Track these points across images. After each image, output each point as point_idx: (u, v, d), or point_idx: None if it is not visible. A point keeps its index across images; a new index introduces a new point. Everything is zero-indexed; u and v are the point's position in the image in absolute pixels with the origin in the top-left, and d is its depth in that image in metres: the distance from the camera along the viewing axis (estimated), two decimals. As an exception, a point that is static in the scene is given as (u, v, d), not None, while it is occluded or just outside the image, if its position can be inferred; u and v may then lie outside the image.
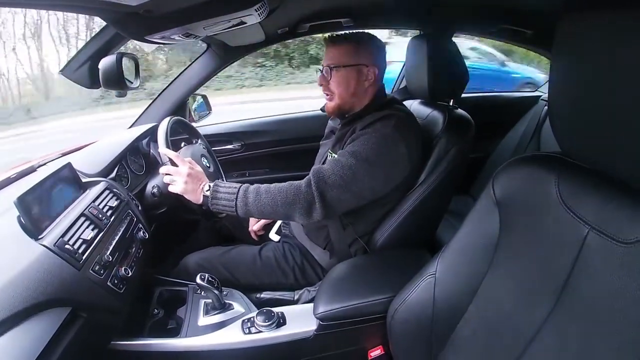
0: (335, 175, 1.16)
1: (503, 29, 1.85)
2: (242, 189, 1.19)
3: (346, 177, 1.15)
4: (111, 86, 1.34)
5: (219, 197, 1.19)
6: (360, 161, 1.16)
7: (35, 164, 1.32)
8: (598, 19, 0.58)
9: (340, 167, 1.16)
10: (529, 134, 2.20)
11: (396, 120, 1.22)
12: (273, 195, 1.16)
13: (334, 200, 1.16)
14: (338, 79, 1.29)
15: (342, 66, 1.27)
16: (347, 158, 1.18)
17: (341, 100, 1.31)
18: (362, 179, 1.16)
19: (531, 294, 0.73)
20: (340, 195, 1.16)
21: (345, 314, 1.13)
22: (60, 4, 0.92)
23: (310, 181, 1.16)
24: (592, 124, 0.63)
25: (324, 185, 1.15)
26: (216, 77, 2.12)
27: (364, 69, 1.28)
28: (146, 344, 1.12)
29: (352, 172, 1.16)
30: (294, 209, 1.16)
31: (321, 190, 1.15)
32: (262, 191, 1.18)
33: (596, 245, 0.64)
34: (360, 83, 1.29)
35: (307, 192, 1.16)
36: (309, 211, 1.16)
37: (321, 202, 1.15)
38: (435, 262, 0.95)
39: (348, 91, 1.29)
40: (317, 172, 1.18)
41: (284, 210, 1.17)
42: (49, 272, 0.84)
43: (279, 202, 1.16)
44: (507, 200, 0.80)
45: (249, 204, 1.17)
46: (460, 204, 1.89)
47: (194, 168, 1.24)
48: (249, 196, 1.18)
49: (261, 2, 0.99)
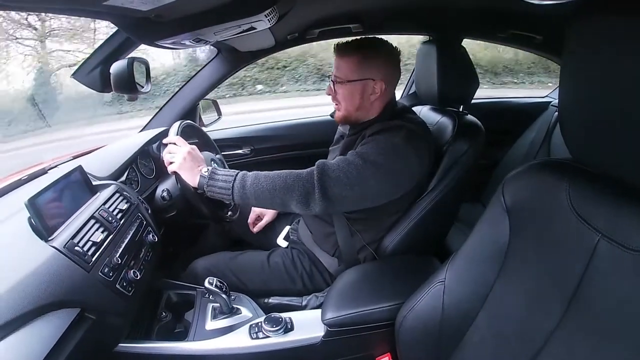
0: (340, 170, 1.13)
1: (513, 34, 1.84)
2: (240, 173, 1.17)
3: (350, 176, 1.12)
4: (122, 90, 1.35)
5: (216, 179, 1.17)
6: (367, 163, 1.13)
7: (46, 166, 1.33)
8: (608, 24, 0.58)
9: (347, 164, 1.14)
10: (539, 140, 2.18)
11: (407, 131, 1.19)
12: (272, 179, 1.13)
13: (334, 195, 1.12)
14: (343, 92, 1.27)
15: (347, 81, 1.25)
16: (354, 157, 1.15)
17: (347, 112, 1.30)
18: (368, 181, 1.13)
19: (541, 301, 0.72)
20: (341, 192, 1.12)
21: (353, 320, 1.12)
22: (71, 8, 0.93)
23: (312, 171, 1.14)
24: (602, 130, 0.62)
25: (327, 179, 1.12)
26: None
27: (370, 83, 1.25)
28: (153, 347, 1.12)
29: (358, 171, 1.13)
30: (291, 195, 1.12)
31: (322, 182, 1.11)
32: (261, 176, 1.15)
33: (607, 252, 0.63)
34: (366, 97, 1.27)
35: (308, 179, 1.12)
36: (306, 200, 1.12)
37: (320, 193, 1.11)
38: (444, 269, 0.95)
39: (353, 105, 1.28)
40: (321, 165, 1.15)
41: (281, 196, 1.13)
42: (59, 274, 0.85)
43: (277, 187, 1.13)
44: (517, 208, 0.79)
45: (246, 187, 1.14)
46: (470, 211, 1.88)
47: (195, 150, 1.24)
48: (247, 180, 1.15)
49: (271, 8, 1.00)
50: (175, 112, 1.93)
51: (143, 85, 1.42)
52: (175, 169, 1.21)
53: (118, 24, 1.06)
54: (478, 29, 1.90)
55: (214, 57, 1.93)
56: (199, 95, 1.96)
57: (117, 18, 1.02)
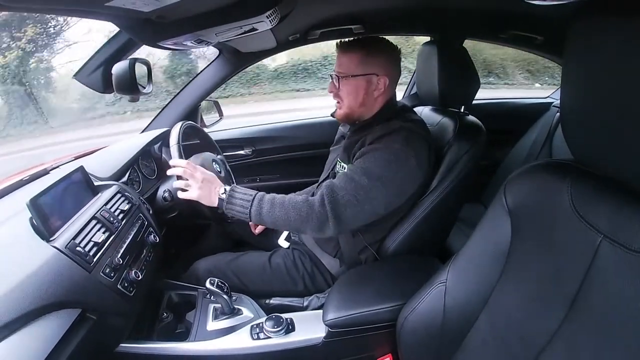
0: (349, 194, 1.15)
1: (514, 35, 1.84)
2: (257, 197, 1.19)
3: (359, 197, 1.14)
4: (124, 91, 1.35)
5: (235, 203, 1.18)
6: (372, 180, 1.15)
7: (48, 166, 1.34)
8: (609, 24, 0.58)
9: (354, 187, 1.15)
10: (541, 141, 2.17)
11: (406, 133, 1.21)
12: (287, 210, 1.16)
13: (347, 218, 1.15)
14: (347, 88, 1.28)
15: (351, 76, 1.26)
16: (359, 176, 1.16)
17: (349, 110, 1.31)
18: (376, 197, 1.16)
19: (543, 303, 0.72)
20: (353, 214, 1.15)
21: (355, 321, 1.12)
22: (73, 9, 0.93)
23: (323, 200, 1.15)
24: (604, 130, 0.62)
25: (337, 205, 1.14)
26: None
27: (374, 79, 1.26)
28: (155, 348, 1.12)
29: (365, 191, 1.15)
30: (306, 225, 1.15)
31: (334, 209, 1.14)
32: (276, 203, 1.17)
33: (609, 253, 0.62)
34: (370, 93, 1.28)
35: (321, 211, 1.15)
36: (321, 228, 1.15)
37: (334, 220, 1.14)
38: (445, 270, 0.94)
39: (357, 101, 1.29)
40: (330, 191, 1.16)
41: (296, 225, 1.16)
42: (60, 274, 0.85)
43: (292, 218, 1.15)
44: (519, 208, 0.79)
45: (262, 214, 1.17)
46: (471, 211, 1.88)
47: (205, 173, 1.24)
48: (263, 206, 1.17)
49: (273, 9, 1.00)
50: (176, 113, 1.94)
51: (144, 86, 1.42)
52: (194, 197, 1.20)
53: (120, 25, 1.07)
54: (479, 30, 1.90)
55: (215, 58, 1.93)
56: (201, 96, 1.96)
57: (119, 19, 1.02)
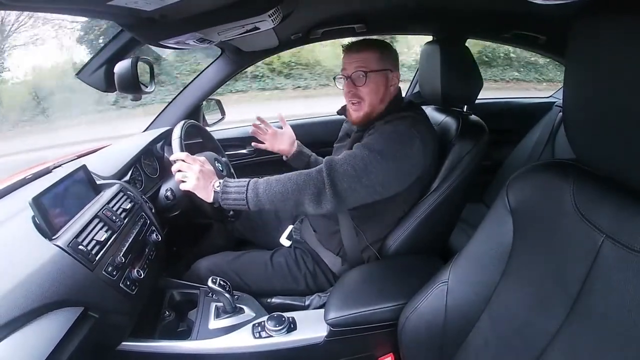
0: (347, 164, 1.15)
1: (516, 34, 1.83)
2: (252, 181, 1.19)
3: (358, 168, 1.14)
4: (126, 90, 1.35)
5: (229, 192, 1.18)
6: (372, 152, 1.15)
7: (50, 165, 1.34)
8: (612, 23, 0.57)
9: (353, 157, 1.16)
10: (543, 141, 2.16)
11: (412, 119, 1.23)
12: (284, 183, 1.15)
13: (344, 190, 1.14)
14: (370, 84, 1.28)
15: (374, 71, 1.27)
16: (360, 149, 1.17)
17: (370, 108, 1.31)
18: (374, 170, 1.15)
19: (544, 303, 0.72)
20: (350, 185, 1.14)
21: (356, 320, 1.12)
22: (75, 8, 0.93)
23: (321, 168, 1.16)
24: (607, 130, 0.62)
25: (335, 174, 1.14)
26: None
27: (390, 74, 1.29)
28: (156, 346, 1.12)
29: (364, 162, 1.14)
30: (304, 195, 1.14)
31: (332, 178, 1.13)
32: (272, 180, 1.17)
33: (611, 253, 0.62)
34: (387, 88, 1.30)
35: (318, 177, 1.14)
36: (318, 198, 1.14)
37: (331, 190, 1.13)
38: (447, 270, 0.94)
39: (378, 97, 1.29)
40: (329, 161, 1.17)
41: (294, 197, 1.15)
42: (62, 272, 0.85)
43: (289, 189, 1.14)
44: (521, 208, 0.79)
45: (259, 194, 1.16)
46: (473, 211, 1.88)
47: (204, 166, 1.23)
48: (259, 187, 1.16)
49: (275, 8, 1.00)
50: (179, 111, 1.94)
51: (147, 85, 1.42)
52: (190, 188, 1.20)
53: (122, 24, 1.07)
54: (481, 29, 1.90)
55: (217, 57, 1.93)
56: (203, 95, 1.97)
57: (121, 18, 1.02)
